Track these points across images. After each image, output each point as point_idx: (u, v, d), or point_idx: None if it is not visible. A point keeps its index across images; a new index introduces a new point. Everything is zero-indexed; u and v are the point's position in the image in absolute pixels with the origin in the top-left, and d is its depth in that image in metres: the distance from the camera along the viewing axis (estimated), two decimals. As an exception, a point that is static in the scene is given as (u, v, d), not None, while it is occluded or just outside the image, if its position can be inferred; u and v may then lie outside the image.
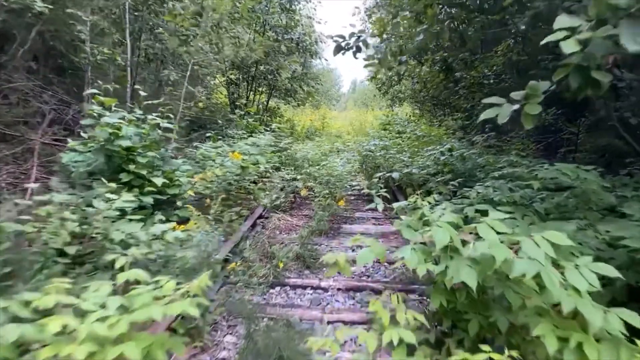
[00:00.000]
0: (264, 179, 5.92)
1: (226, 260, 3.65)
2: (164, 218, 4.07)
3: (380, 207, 2.90)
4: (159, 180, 4.03)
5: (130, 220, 2.79)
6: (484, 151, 5.50)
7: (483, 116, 1.93)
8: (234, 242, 3.92)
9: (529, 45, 6.10)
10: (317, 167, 5.45)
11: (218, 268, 2.82)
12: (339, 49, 3.47)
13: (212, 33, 6.47)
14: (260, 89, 12.29)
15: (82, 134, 4.42)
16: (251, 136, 6.89)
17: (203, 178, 4.16)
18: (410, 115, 15.36)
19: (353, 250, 4.41)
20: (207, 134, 7.67)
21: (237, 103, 11.01)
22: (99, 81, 5.86)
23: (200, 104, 10.37)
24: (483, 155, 4.48)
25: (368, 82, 16.05)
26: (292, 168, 6.51)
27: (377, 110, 24.54)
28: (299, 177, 5.17)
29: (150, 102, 4.40)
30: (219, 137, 7.59)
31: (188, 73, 5.71)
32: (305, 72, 12.18)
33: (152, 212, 4.18)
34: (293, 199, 6.03)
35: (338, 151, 7.11)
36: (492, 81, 6.85)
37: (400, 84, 14.62)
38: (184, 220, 3.96)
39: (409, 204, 2.74)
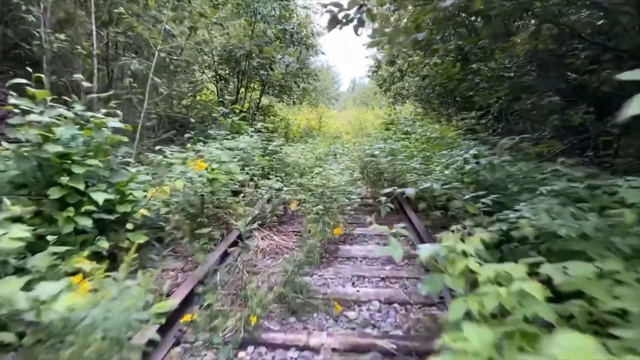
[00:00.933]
0: (248, 189, 4.98)
1: (187, 304, 2.72)
2: (106, 246, 3.14)
3: (398, 255, 1.97)
4: (100, 196, 3.10)
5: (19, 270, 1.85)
6: (513, 158, 4.58)
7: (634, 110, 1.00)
8: (195, 279, 2.98)
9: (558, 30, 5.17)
10: (310, 175, 4.52)
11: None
12: (334, 22, 2.55)
13: (188, 17, 5.55)
14: (251, 85, 11.35)
15: (11, 135, 3.48)
16: (234, 138, 5.95)
17: (161, 192, 3.23)
18: (414, 114, 14.45)
19: (354, 285, 3.48)
20: (187, 135, 6.74)
21: (222, 100, 10.08)
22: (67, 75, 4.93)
23: (185, 102, 9.44)
24: (515, 162, 3.55)
25: (369, 77, 15.11)
26: (283, 174, 5.58)
27: (378, 109, 23.63)
28: (287, 188, 4.23)
29: (95, 95, 3.45)
30: (200, 138, 6.65)
31: (154, 63, 4.77)
32: (301, 67, 11.26)
33: (96, 237, 3.25)
34: (282, 212, 5.09)
35: (335, 155, 6.19)
36: (512, 74, 5.92)
37: (403, 80, 13.71)
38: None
39: (442, 248, 1.81)
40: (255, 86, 11.51)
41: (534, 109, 6.04)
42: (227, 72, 10.69)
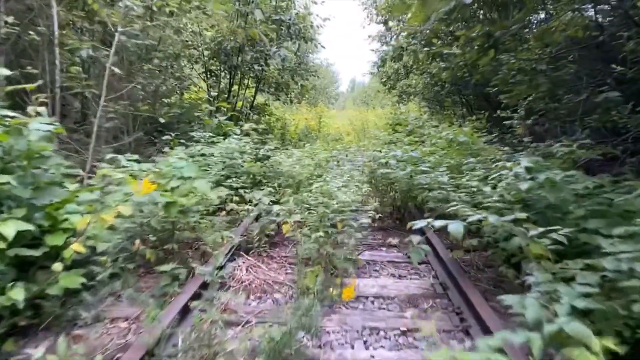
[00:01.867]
0: (233, 204, 4.09)
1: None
2: (21, 297, 2.25)
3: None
4: (9, 228, 2.19)
5: None
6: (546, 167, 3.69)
7: None
8: (140, 351, 2.06)
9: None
10: (308, 190, 3.62)
11: None
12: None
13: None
14: (245, 82, 10.44)
15: None
16: (216, 142, 5.05)
17: (100, 221, 2.33)
18: (421, 114, 13.55)
19: (366, 343, 2.57)
20: (166, 137, 5.83)
21: (211, 98, 9.18)
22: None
23: (171, 99, 8.52)
24: (580, 180, 2.66)
25: (372, 74, 14.22)
26: (276, 185, 4.67)
27: (379, 109, 22.76)
28: (277, 207, 3.32)
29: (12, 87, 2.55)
30: (181, 140, 5.75)
31: (113, 48, 3.85)
32: (299, 62, 10.34)
33: (12, 282, 2.35)
34: (274, 231, 4.18)
35: (338, 162, 5.29)
36: (546, 66, 5.02)
37: (408, 77, 12.82)
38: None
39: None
40: (250, 83, 10.60)
41: (571, 108, 5.15)
42: (218, 67, 9.77)
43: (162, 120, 4.64)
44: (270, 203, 3.89)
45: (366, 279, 3.53)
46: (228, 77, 9.89)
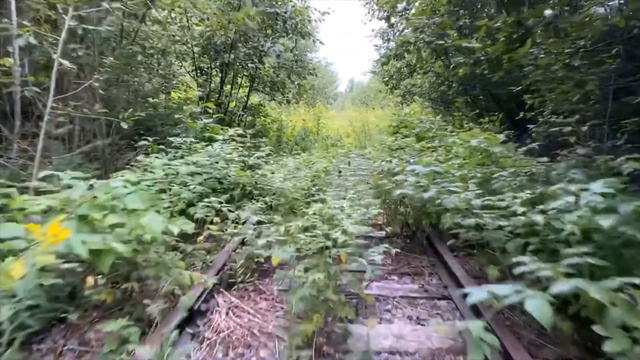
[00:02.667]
0: (215, 227, 3.38)
1: None
2: None
3: None
4: None
5: None
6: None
7: None
8: None
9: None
10: (304, 211, 2.90)
11: None
12: None
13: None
14: (238, 81, 9.73)
15: None
16: (197, 147, 4.33)
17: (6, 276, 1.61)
18: (423, 114, 12.85)
19: None
20: (142, 143, 5.11)
21: (200, 97, 8.46)
22: None
23: (156, 99, 7.80)
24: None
25: (373, 73, 13.52)
26: (268, 200, 3.94)
27: (380, 109, 22.07)
28: (262, 240, 2.59)
29: None
30: (161, 147, 5.03)
31: (62, 37, 3.11)
32: (296, 60, 9.63)
33: None
34: (262, 261, 3.47)
35: (340, 172, 4.56)
36: (579, 62, 4.33)
37: (412, 77, 12.13)
38: None
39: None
40: (243, 82, 9.88)
41: (597, 109, 4.47)
42: (209, 64, 9.05)
43: (124, 126, 3.90)
44: (255, 232, 3.17)
45: (377, 324, 2.82)
46: (219, 75, 9.18)
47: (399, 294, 3.33)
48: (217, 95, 9.26)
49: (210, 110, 5.29)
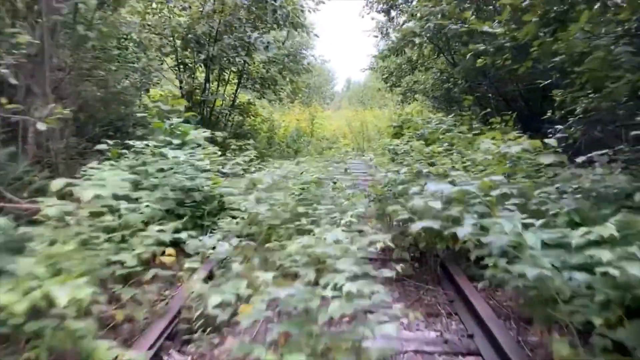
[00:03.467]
0: (164, 273, 2.58)
1: None
2: None
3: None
4: None
5: None
6: None
7: None
8: None
9: None
10: (284, 245, 2.10)
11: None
12: None
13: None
14: (225, 77, 8.91)
15: None
16: (162, 152, 3.52)
17: None
18: (421, 113, 12.08)
19: None
20: (100, 146, 4.28)
21: (182, 94, 7.64)
22: None
23: (126, 96, 6.95)
24: None
25: (372, 69, 12.72)
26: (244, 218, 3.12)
27: (377, 109, 21.30)
28: (214, 300, 1.79)
29: None
30: (122, 151, 4.21)
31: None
32: (288, 53, 8.80)
33: None
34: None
35: (335, 183, 3.77)
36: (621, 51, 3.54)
37: (413, 74, 11.36)
38: None
39: None
40: (231, 78, 9.05)
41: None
42: (193, 59, 8.22)
43: (41, 127, 3.08)
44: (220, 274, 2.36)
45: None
46: (204, 70, 8.36)
47: (410, 347, 2.53)
48: (202, 93, 8.44)
49: (182, 109, 4.46)
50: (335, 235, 1.96)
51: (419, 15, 5.93)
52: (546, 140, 2.65)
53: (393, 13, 11.53)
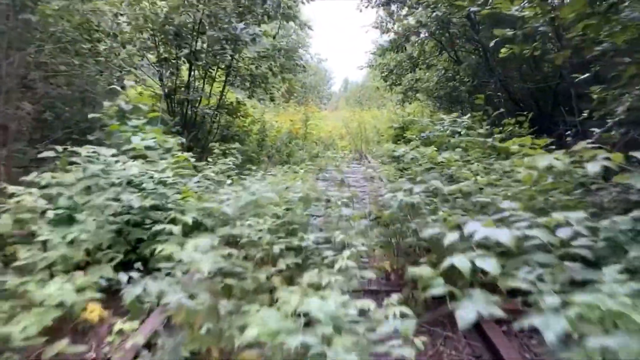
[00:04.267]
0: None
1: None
2: None
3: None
4: None
5: None
6: None
7: None
8: None
9: None
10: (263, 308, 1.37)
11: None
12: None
13: None
14: (212, 74, 8.16)
15: None
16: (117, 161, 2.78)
17: None
18: (423, 114, 11.35)
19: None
20: (46, 153, 3.52)
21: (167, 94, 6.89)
22: None
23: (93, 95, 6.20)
24: None
25: (370, 67, 11.98)
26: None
27: (375, 109, 20.58)
28: None
29: None
30: (72, 159, 3.45)
31: None
32: (279, 48, 8.02)
33: None
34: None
35: (328, 202, 3.01)
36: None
37: (415, 71, 10.66)
38: None
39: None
40: (218, 75, 8.29)
41: None
42: (175, 54, 7.46)
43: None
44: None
45: None
46: (189, 67, 7.59)
47: None
48: (185, 91, 7.68)
49: (145, 107, 3.69)
50: (330, 307, 1.23)
51: (425, 3, 5.23)
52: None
53: (393, 7, 10.82)
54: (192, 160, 3.94)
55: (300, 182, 3.25)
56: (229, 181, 3.26)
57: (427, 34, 10.35)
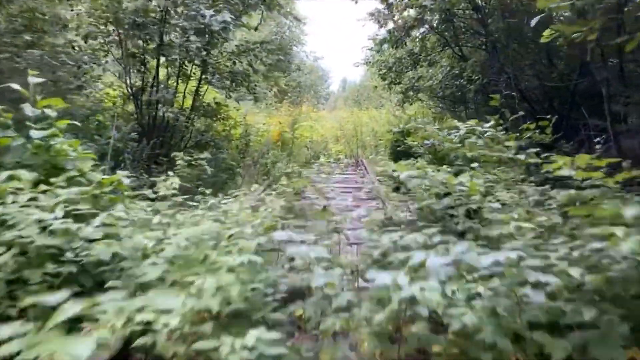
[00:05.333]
0: None
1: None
2: None
3: None
4: None
5: None
6: None
7: None
8: None
9: None
10: None
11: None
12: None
13: None
14: (187, 71, 7.18)
15: None
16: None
17: None
18: (424, 115, 10.35)
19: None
20: None
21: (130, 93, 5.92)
22: None
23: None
24: None
25: (368, 64, 10.97)
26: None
27: (373, 109, 19.57)
28: None
29: None
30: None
31: None
32: (261, 41, 7.00)
33: None
34: None
35: (292, 260, 2.06)
36: None
37: (416, 69, 9.69)
38: None
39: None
40: (194, 73, 7.31)
41: None
42: (142, 47, 6.49)
43: None
44: None
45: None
46: (155, 62, 6.62)
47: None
48: (156, 90, 6.70)
49: (54, 114, 2.71)
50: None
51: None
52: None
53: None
54: (128, 181, 2.97)
55: (259, 221, 2.29)
56: (156, 218, 2.31)
57: (428, 28, 9.43)
